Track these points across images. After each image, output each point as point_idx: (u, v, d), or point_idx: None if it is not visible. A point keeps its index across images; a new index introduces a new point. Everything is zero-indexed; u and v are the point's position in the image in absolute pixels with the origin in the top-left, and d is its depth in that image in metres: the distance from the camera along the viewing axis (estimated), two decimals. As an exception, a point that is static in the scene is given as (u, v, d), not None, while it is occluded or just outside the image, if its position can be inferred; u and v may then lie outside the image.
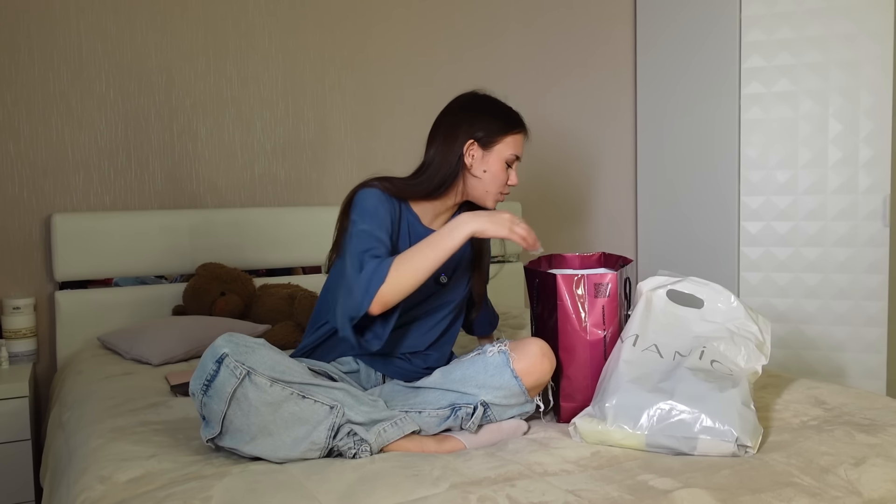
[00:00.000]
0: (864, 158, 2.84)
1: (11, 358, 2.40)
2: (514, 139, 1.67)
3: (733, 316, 1.59)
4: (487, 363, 1.54)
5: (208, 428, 1.38)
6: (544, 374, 1.54)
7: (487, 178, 1.66)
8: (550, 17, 3.32)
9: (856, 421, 1.51)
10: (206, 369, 1.36)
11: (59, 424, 1.85)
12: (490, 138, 1.65)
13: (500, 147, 1.66)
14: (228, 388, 1.34)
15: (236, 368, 1.34)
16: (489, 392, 1.51)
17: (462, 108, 1.70)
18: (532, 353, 1.53)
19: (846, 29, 2.84)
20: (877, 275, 2.85)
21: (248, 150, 2.79)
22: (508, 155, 1.66)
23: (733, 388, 1.40)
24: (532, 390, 1.55)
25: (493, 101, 1.71)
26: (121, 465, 1.35)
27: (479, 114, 1.67)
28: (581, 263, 1.82)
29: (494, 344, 1.58)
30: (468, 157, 1.66)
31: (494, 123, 1.66)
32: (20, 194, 2.48)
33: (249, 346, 1.39)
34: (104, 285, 2.55)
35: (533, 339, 1.58)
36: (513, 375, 1.51)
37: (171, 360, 2.19)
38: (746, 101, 2.99)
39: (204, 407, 1.37)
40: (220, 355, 1.35)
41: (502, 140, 1.66)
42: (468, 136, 1.65)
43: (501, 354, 1.54)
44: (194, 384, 1.37)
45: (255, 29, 2.78)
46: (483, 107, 1.69)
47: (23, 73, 2.47)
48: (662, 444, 1.37)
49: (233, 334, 1.41)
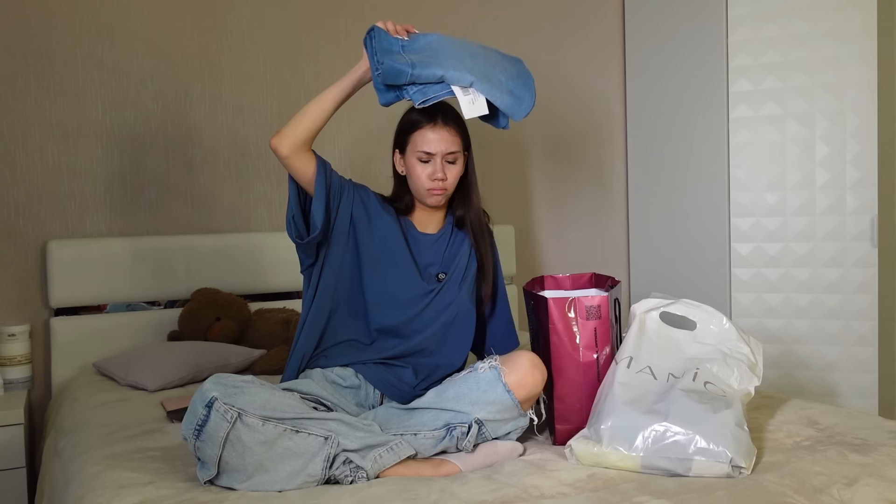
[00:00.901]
0: (852, 180, 2.89)
1: (6, 385, 2.39)
2: (419, 136, 1.75)
3: (726, 338, 1.61)
4: (479, 379, 1.56)
5: (204, 469, 1.39)
6: (536, 386, 1.57)
7: (412, 178, 1.78)
8: (539, 41, 3.37)
9: (848, 441, 1.53)
10: (196, 414, 1.36)
11: (55, 452, 1.84)
12: (402, 142, 1.80)
13: (410, 147, 1.77)
14: (221, 432, 1.34)
15: (227, 412, 1.35)
16: (483, 408, 1.53)
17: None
18: (523, 365, 1.56)
19: (831, 53, 2.89)
20: (866, 295, 2.88)
21: (243, 176, 2.82)
22: (417, 152, 1.75)
23: (727, 410, 1.41)
24: (524, 403, 1.57)
25: (411, 109, 1.78)
26: (118, 493, 1.35)
27: (399, 125, 1.82)
28: (572, 284, 1.85)
29: (485, 360, 1.60)
30: (398, 166, 1.83)
31: (403, 127, 1.80)
32: (16, 221, 2.49)
33: (238, 387, 1.40)
34: (97, 311, 2.56)
35: (523, 351, 1.61)
36: (505, 389, 1.53)
37: (166, 385, 2.19)
38: (735, 124, 3.03)
39: (198, 450, 1.38)
40: (210, 399, 1.36)
41: (410, 140, 1.77)
42: (394, 147, 1.84)
43: (493, 370, 1.56)
44: (185, 429, 1.38)
45: (249, 56, 2.81)
46: (403, 118, 1.82)
47: (20, 101, 2.49)
48: (657, 466, 1.39)
49: (220, 375, 1.42)
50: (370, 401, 1.73)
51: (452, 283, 1.81)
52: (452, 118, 1.77)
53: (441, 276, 1.81)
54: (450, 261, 1.84)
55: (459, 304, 1.80)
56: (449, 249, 1.85)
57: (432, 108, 1.72)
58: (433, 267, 1.83)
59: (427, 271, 1.82)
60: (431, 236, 1.85)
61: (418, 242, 1.83)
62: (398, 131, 1.82)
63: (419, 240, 1.83)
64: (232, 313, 2.54)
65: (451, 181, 1.78)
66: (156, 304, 2.64)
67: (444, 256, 1.84)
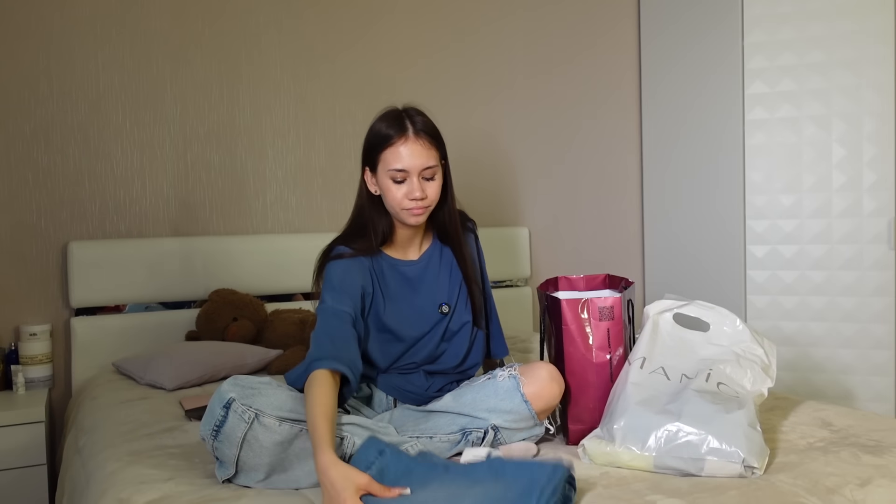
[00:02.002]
0: (868, 182, 2.87)
1: (28, 383, 2.43)
2: (390, 153, 1.60)
3: (739, 339, 1.62)
4: (498, 387, 1.56)
5: (223, 469, 1.41)
6: (553, 398, 1.57)
7: (387, 199, 1.63)
8: (554, 44, 3.38)
9: (862, 442, 1.53)
10: (214, 415, 1.38)
11: (76, 449, 1.88)
12: (372, 160, 1.64)
13: (381, 166, 1.61)
14: (238, 432, 1.36)
15: (244, 413, 1.36)
16: (499, 416, 1.54)
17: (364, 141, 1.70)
18: (541, 377, 1.56)
19: (848, 55, 2.88)
20: (883, 297, 2.87)
21: (261, 178, 2.85)
22: (389, 171, 1.60)
23: (739, 410, 1.42)
24: (541, 414, 1.57)
25: (378, 121, 1.65)
26: (139, 488, 1.38)
27: (366, 140, 1.66)
28: (586, 285, 1.86)
29: (505, 368, 1.61)
30: (370, 185, 1.67)
31: (371, 142, 1.64)
32: (38, 223, 2.54)
33: (255, 389, 1.41)
34: (116, 311, 2.60)
35: (542, 363, 1.60)
36: (523, 399, 1.54)
37: (184, 385, 2.22)
38: (750, 126, 3.03)
39: (216, 450, 1.40)
40: (228, 400, 1.37)
41: (380, 158, 1.61)
42: (363, 165, 1.68)
43: (511, 379, 1.56)
44: (204, 429, 1.40)
45: (266, 60, 2.85)
46: (369, 131, 1.66)
47: (42, 106, 2.54)
48: (670, 466, 1.39)
49: (238, 377, 1.44)
50: (383, 406, 1.74)
51: (459, 309, 1.74)
52: (426, 129, 1.62)
53: (444, 308, 1.72)
54: (446, 287, 1.74)
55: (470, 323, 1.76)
56: (441, 273, 1.75)
57: (402, 119, 1.61)
58: (431, 302, 1.72)
59: (425, 309, 1.71)
60: (416, 265, 1.73)
61: (408, 280, 1.71)
62: (366, 147, 1.66)
63: (404, 272, 1.71)
64: (249, 314, 2.57)
65: (432, 198, 1.62)
66: (173, 304, 2.68)
67: (439, 284, 1.74)
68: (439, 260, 1.76)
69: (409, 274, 1.71)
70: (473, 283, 1.76)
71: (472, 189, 3.20)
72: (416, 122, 1.61)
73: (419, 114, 1.64)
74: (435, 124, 1.66)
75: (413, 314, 1.70)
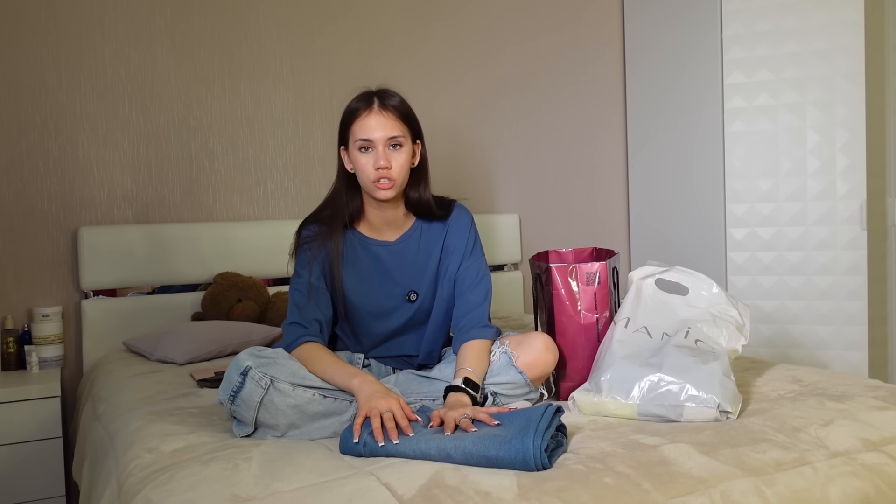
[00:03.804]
0: (841, 167, 3.02)
1: (41, 363, 2.54)
2: (357, 125, 1.67)
3: (715, 301, 1.75)
4: (493, 366, 1.67)
5: (241, 427, 1.52)
6: (548, 367, 1.68)
7: (358, 172, 1.69)
8: (539, 32, 3.52)
9: (828, 393, 1.67)
10: (231, 381, 1.49)
11: (95, 416, 1.98)
12: (344, 137, 1.72)
13: (351, 139, 1.68)
14: (256, 397, 1.47)
15: (261, 380, 1.48)
16: (496, 386, 1.65)
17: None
18: (536, 347, 1.67)
19: (821, 46, 3.03)
20: (856, 276, 3.02)
21: (262, 167, 2.96)
22: (356, 141, 1.66)
23: (715, 362, 1.55)
24: (536, 381, 1.68)
25: (350, 101, 1.72)
26: (164, 439, 1.49)
27: (340, 119, 1.73)
28: (575, 258, 1.99)
29: (497, 346, 1.70)
30: (346, 163, 1.74)
31: (343, 119, 1.71)
32: (49, 209, 2.64)
33: (270, 358, 1.53)
34: (125, 294, 2.70)
35: (537, 333, 1.71)
36: (517, 371, 1.65)
37: (194, 359, 2.32)
38: (729, 114, 3.18)
39: (234, 413, 1.51)
40: (245, 368, 1.49)
41: (350, 132, 1.69)
42: (339, 144, 1.75)
43: (504, 355, 1.67)
44: (222, 394, 1.51)
45: (266, 53, 2.96)
46: (343, 111, 1.73)
47: (52, 96, 2.64)
48: (652, 413, 1.52)
49: (253, 348, 1.55)
50: (383, 374, 1.85)
51: (426, 296, 1.80)
52: (393, 103, 1.68)
53: (412, 296, 1.80)
54: (420, 274, 1.79)
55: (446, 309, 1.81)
56: (419, 259, 1.80)
57: (370, 95, 1.68)
58: (399, 286, 1.79)
59: (393, 292, 1.79)
60: (391, 246, 1.79)
61: (379, 260, 1.78)
62: (340, 126, 1.73)
63: (373, 252, 1.78)
64: (253, 295, 2.69)
65: (398, 169, 1.67)
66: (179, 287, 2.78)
67: (413, 270, 1.79)
68: (417, 245, 1.81)
69: (380, 254, 1.78)
70: (447, 273, 1.81)
71: (463, 177, 3.33)
72: (384, 98, 1.68)
73: (391, 93, 1.71)
74: (408, 105, 1.72)
75: (380, 294, 1.78)
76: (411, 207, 1.80)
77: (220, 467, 1.30)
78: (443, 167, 3.18)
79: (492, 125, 3.41)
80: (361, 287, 1.78)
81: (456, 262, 1.80)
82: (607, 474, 1.20)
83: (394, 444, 1.33)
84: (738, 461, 1.25)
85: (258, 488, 1.20)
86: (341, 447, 1.38)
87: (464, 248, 1.81)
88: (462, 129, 3.32)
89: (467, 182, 3.33)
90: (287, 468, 1.29)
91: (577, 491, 1.14)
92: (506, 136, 3.43)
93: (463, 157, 3.32)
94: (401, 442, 1.34)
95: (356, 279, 1.78)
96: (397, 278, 1.79)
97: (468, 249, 1.82)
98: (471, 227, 1.84)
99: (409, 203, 1.79)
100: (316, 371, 1.56)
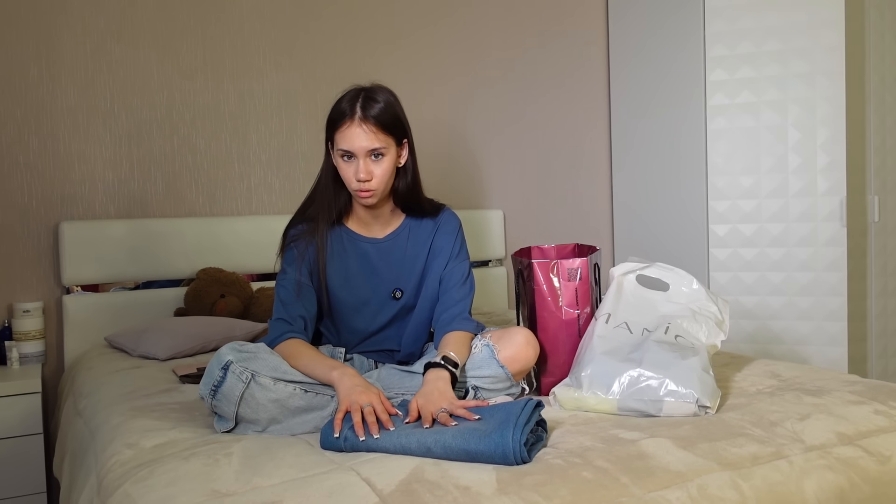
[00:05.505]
0: (822, 164, 3.05)
1: (22, 359, 2.52)
2: (339, 134, 1.66)
3: (695, 297, 1.77)
4: (474, 358, 1.67)
5: (222, 422, 1.52)
6: (529, 361, 1.68)
7: (342, 177, 1.70)
8: (524, 32, 3.52)
9: (806, 388, 1.69)
10: (213, 376, 1.49)
11: (76, 412, 1.97)
12: (330, 140, 1.71)
13: (335, 144, 1.68)
14: (237, 392, 1.47)
15: (242, 374, 1.48)
16: (478, 380, 1.66)
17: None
18: (517, 341, 1.67)
19: (802, 44, 3.06)
20: (836, 272, 3.05)
21: (245, 162, 2.95)
22: (339, 150, 1.67)
23: (694, 357, 1.57)
24: (517, 375, 1.69)
25: (339, 99, 1.70)
26: (145, 435, 1.49)
27: (328, 116, 1.72)
28: (557, 254, 2.00)
29: (479, 339, 1.71)
30: (333, 158, 1.73)
31: (329, 120, 1.70)
32: (29, 204, 2.62)
33: (251, 352, 1.54)
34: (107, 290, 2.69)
35: (519, 328, 1.71)
36: (499, 365, 1.65)
37: (176, 355, 2.32)
38: (712, 111, 3.20)
39: (215, 408, 1.51)
40: (226, 362, 1.49)
41: (334, 139, 1.68)
42: (326, 139, 1.74)
43: (486, 348, 1.68)
44: (203, 389, 1.51)
45: (250, 48, 2.95)
46: (332, 107, 1.72)
47: (32, 90, 2.62)
48: (632, 408, 1.54)
49: (235, 343, 1.56)
50: (365, 368, 1.86)
51: (410, 294, 1.81)
52: (374, 113, 1.64)
53: (398, 293, 1.80)
54: (406, 272, 1.80)
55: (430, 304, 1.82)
56: (406, 257, 1.81)
57: (355, 103, 1.65)
58: (385, 284, 1.80)
59: (379, 288, 1.80)
60: (379, 243, 1.80)
61: (367, 257, 1.79)
62: (327, 124, 1.71)
63: (362, 248, 1.79)
64: (236, 290, 2.68)
65: (378, 180, 1.66)
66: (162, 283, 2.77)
67: (401, 268, 1.80)
68: (405, 243, 1.81)
69: (368, 251, 1.79)
70: (432, 273, 1.82)
71: (448, 174, 3.33)
72: (366, 107, 1.64)
73: (375, 98, 1.66)
74: (395, 106, 1.69)
75: (365, 290, 1.79)
76: (399, 203, 1.80)
77: (201, 463, 1.30)
78: (428, 163, 3.18)
79: (477, 121, 3.42)
80: (347, 283, 1.79)
81: (442, 262, 1.82)
82: (586, 468, 1.21)
83: (374, 438, 1.34)
84: (715, 455, 1.27)
85: (238, 483, 1.20)
86: (322, 442, 1.38)
87: (450, 250, 1.83)
88: (447, 126, 3.33)
89: (452, 178, 3.33)
90: (267, 463, 1.29)
91: (555, 485, 1.15)
92: (491, 133, 3.44)
93: (448, 153, 3.32)
94: (381, 436, 1.34)
95: (342, 275, 1.78)
96: (383, 275, 1.80)
97: (454, 252, 1.84)
98: (458, 232, 1.87)
99: (396, 198, 1.79)
100: (297, 366, 1.56)
